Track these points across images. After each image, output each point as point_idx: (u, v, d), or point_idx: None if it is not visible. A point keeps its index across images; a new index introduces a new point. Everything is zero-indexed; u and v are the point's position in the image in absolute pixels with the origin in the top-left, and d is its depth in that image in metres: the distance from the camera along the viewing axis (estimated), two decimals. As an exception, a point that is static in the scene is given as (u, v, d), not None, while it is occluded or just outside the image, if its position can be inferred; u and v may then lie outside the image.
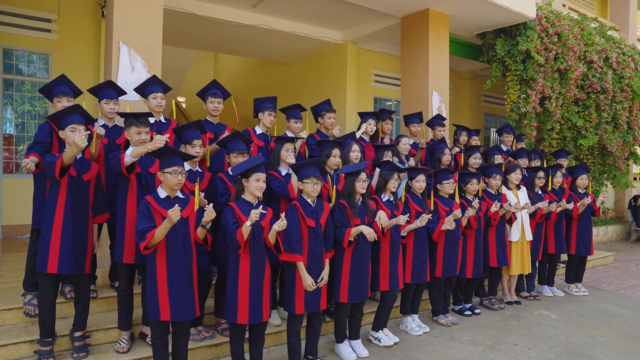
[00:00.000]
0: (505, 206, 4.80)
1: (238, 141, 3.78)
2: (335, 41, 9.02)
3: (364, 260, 3.70)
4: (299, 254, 3.31)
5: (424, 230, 4.28)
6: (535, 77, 7.52)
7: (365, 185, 3.70)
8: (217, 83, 4.35)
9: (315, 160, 3.49)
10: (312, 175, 3.39)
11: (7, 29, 6.08)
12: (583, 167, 5.78)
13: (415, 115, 5.82)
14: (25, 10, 6.17)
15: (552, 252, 5.64)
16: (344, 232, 3.52)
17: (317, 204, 3.49)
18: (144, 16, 4.72)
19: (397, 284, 3.96)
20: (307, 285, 3.30)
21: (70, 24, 6.46)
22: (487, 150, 5.82)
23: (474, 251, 4.76)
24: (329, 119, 4.95)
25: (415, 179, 4.33)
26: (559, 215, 5.57)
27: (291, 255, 3.31)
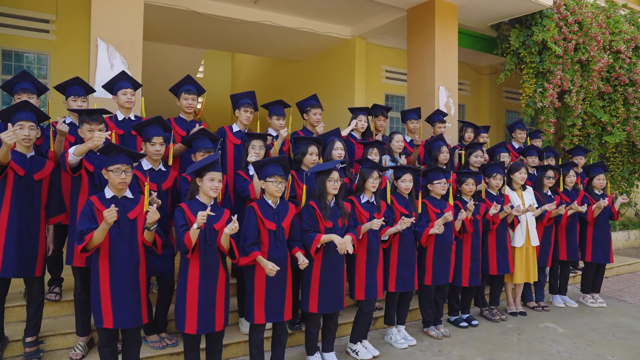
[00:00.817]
0: (506, 208, 4.39)
1: (204, 139, 3.57)
2: (343, 37, 8.73)
3: (337, 267, 3.41)
4: (256, 251, 3.06)
5: (410, 235, 3.95)
6: (552, 69, 6.98)
7: (338, 185, 3.41)
8: (191, 78, 4.17)
9: (279, 158, 3.23)
10: (275, 174, 3.14)
11: (5, 31, 6.14)
12: (600, 166, 5.25)
13: (412, 111, 5.46)
14: (23, 11, 6.21)
15: (564, 259, 5.15)
16: (313, 237, 3.25)
17: (280, 205, 3.24)
18: (124, 12, 4.60)
19: (375, 292, 3.65)
20: (269, 270, 2.98)
21: (68, 24, 6.46)
22: (493, 147, 5.41)
23: (470, 257, 4.37)
24: (314, 115, 4.67)
25: (401, 179, 4.00)
26: (572, 219, 5.09)
27: (247, 258, 3.06)
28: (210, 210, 2.98)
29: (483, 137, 6.09)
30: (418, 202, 4.07)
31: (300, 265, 3.13)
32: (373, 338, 4.12)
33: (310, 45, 9.16)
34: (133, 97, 3.87)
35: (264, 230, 3.13)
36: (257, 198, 3.52)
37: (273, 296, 3.15)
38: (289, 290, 3.24)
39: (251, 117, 4.33)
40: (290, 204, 3.32)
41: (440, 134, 5.02)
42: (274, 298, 3.15)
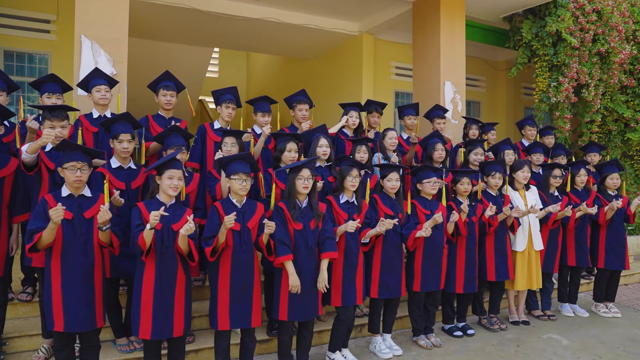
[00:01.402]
0: (505, 210, 4.08)
1: (176, 136, 3.45)
2: (351, 33, 8.50)
3: (309, 273, 3.20)
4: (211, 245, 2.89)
5: (396, 237, 3.70)
6: (567, 62, 6.55)
7: (309, 184, 3.21)
8: (170, 74, 4.06)
9: (244, 155, 3.06)
10: (239, 171, 2.96)
11: (7, 31, 6.21)
12: (614, 165, 4.84)
13: (410, 107, 5.19)
14: (24, 11, 6.27)
15: (573, 265, 4.77)
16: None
17: (246, 205, 3.06)
18: (108, 8, 4.52)
19: (353, 299, 3.42)
20: (227, 222, 2.78)
21: (69, 24, 6.46)
22: (497, 144, 5.08)
23: (465, 262, 4.08)
24: (299, 111, 4.48)
25: (386, 178, 3.75)
26: (581, 221, 4.71)
27: (207, 249, 2.89)
28: (171, 210, 2.85)
29: (491, 133, 5.77)
30: (406, 202, 3.82)
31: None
32: (357, 346, 3.90)
33: (318, 42, 8.97)
34: (108, 93, 3.77)
35: (227, 232, 2.96)
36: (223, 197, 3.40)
37: (238, 300, 2.97)
38: (257, 294, 3.06)
39: (233, 114, 4.19)
40: (258, 203, 3.14)
41: (435, 131, 4.74)
42: (239, 303, 2.98)
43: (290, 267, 3.03)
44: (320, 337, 3.89)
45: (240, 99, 4.35)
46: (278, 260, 3.02)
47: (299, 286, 3.03)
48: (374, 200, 3.73)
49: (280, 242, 3.03)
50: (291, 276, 3.02)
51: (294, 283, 3.02)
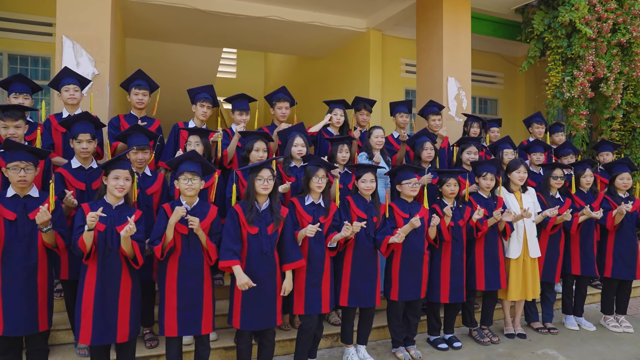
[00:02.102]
0: (495, 214, 3.76)
1: (138, 135, 3.35)
2: (358, 30, 8.27)
3: (266, 279, 3.02)
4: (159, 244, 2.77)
5: (368, 242, 3.47)
6: (583, 54, 6.08)
7: (269, 185, 3.03)
8: (142, 73, 3.98)
9: (190, 154, 2.93)
10: (184, 171, 2.83)
11: (10, 35, 6.35)
12: (625, 164, 4.41)
13: (402, 104, 4.92)
14: (27, 15, 6.39)
15: (577, 274, 4.38)
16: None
17: (198, 206, 2.91)
18: (90, 8, 4.51)
19: (317, 307, 3.22)
20: (176, 214, 2.72)
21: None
22: (496, 143, 4.74)
23: (450, 270, 3.79)
24: (279, 109, 4.32)
25: (361, 179, 3.52)
26: (587, 227, 4.32)
27: (157, 249, 2.76)
28: (117, 211, 2.75)
29: (494, 131, 5.42)
30: (384, 205, 3.58)
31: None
32: (332, 356, 3.69)
33: (325, 40, 8.78)
34: (77, 93, 3.73)
35: (175, 234, 2.83)
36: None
37: (187, 307, 2.84)
38: (208, 300, 2.92)
39: (208, 112, 4.07)
40: (212, 206, 2.99)
41: (424, 129, 4.46)
42: (188, 309, 2.84)
43: (237, 269, 2.86)
44: (293, 346, 3.70)
45: (217, 98, 4.24)
46: (221, 264, 2.86)
47: (248, 282, 2.84)
48: (347, 202, 3.51)
49: (225, 248, 2.86)
50: (238, 276, 2.85)
51: (241, 281, 2.84)
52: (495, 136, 5.39)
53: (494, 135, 5.39)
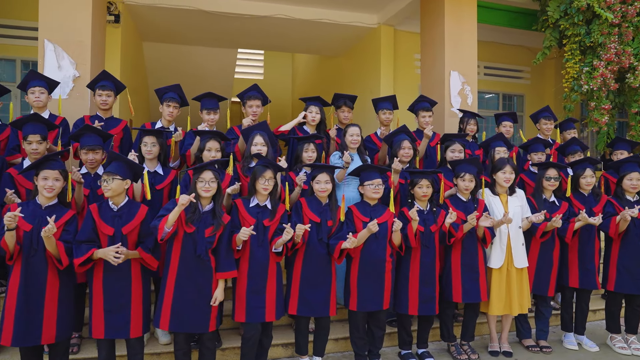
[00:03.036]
0: (469, 218, 3.41)
1: (90, 136, 3.32)
2: (369, 25, 7.99)
3: (200, 282, 2.89)
4: (93, 248, 2.70)
5: (320, 248, 3.24)
6: (603, 41, 5.48)
7: (211, 187, 2.90)
8: (107, 74, 3.97)
9: (112, 155, 2.84)
10: (106, 172, 2.76)
11: (23, 42, 6.62)
12: (635, 162, 3.88)
13: (385, 100, 4.62)
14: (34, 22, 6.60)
15: (575, 286, 3.90)
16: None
17: (126, 207, 2.82)
18: (71, 11, 4.57)
19: (260, 315, 3.04)
20: (112, 259, 2.65)
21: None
22: (489, 140, 4.34)
23: (419, 280, 3.47)
24: (250, 108, 4.18)
25: (315, 179, 3.31)
26: (586, 234, 3.84)
27: (80, 258, 2.68)
28: (47, 211, 2.72)
29: (505, 126, 4.92)
30: (340, 207, 3.34)
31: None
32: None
33: (336, 37, 8.55)
34: (43, 95, 3.76)
35: (102, 236, 2.75)
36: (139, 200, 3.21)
37: (114, 309, 2.76)
38: (137, 302, 2.82)
39: (175, 113, 4.00)
40: (142, 206, 2.89)
41: (402, 126, 4.14)
42: (115, 312, 2.76)
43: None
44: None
45: (186, 98, 4.16)
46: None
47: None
48: (299, 204, 3.30)
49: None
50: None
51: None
52: (507, 131, 4.92)
53: (506, 130, 4.91)
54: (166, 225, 2.73)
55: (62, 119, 3.86)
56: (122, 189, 2.77)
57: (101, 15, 5.00)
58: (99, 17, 4.88)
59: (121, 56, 6.79)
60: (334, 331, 3.85)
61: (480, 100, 8.87)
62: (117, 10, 6.68)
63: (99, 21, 4.90)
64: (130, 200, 2.88)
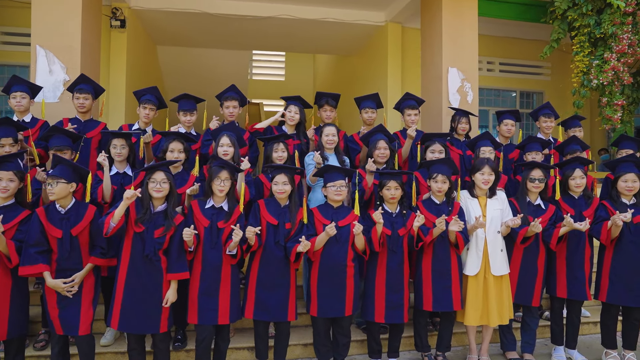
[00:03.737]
0: (438, 222, 3.22)
1: (59, 137, 3.39)
2: (376, 23, 7.83)
3: (149, 282, 2.88)
4: (42, 264, 2.74)
5: (278, 251, 3.15)
6: (615, 32, 5.08)
7: (162, 188, 2.89)
8: (85, 77, 4.04)
9: (57, 158, 2.88)
10: (50, 175, 2.81)
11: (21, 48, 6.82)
12: (632, 162, 3.55)
13: (368, 98, 4.47)
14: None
15: (563, 296, 3.61)
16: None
17: (73, 208, 2.85)
18: (62, 18, 4.68)
19: (212, 317, 3.00)
20: (62, 291, 2.78)
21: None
22: (475, 139, 4.12)
23: (385, 286, 3.32)
24: (227, 109, 4.15)
25: (273, 181, 3.23)
26: (575, 240, 3.55)
27: (30, 268, 2.74)
28: (2, 211, 2.79)
29: (507, 124, 4.64)
30: (302, 209, 3.24)
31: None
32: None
33: (344, 36, 8.42)
34: (24, 100, 3.86)
35: (51, 239, 2.79)
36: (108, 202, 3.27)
37: (64, 307, 2.81)
38: (87, 301, 2.88)
39: (151, 115, 4.02)
40: (90, 207, 2.91)
41: (379, 125, 3.98)
42: (65, 309, 2.81)
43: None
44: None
45: (163, 99, 4.19)
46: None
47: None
48: (257, 206, 3.23)
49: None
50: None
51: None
52: (509, 130, 4.65)
53: (507, 128, 4.64)
54: (112, 220, 2.74)
55: (43, 122, 3.96)
56: (67, 192, 2.81)
57: (94, 20, 5.11)
58: (91, 23, 4.98)
59: (127, 60, 6.96)
60: (305, 336, 3.78)
61: (496, 98, 8.50)
62: (122, 16, 6.87)
63: (91, 26, 5.00)
64: (78, 201, 2.90)
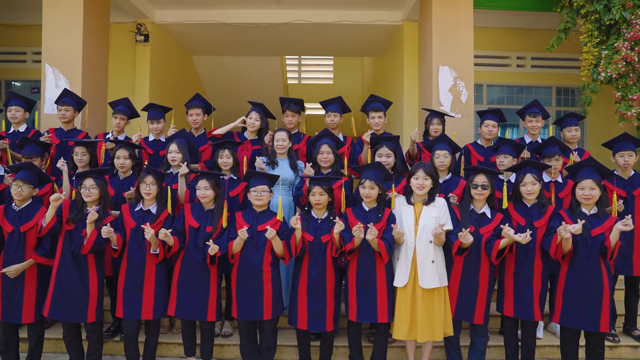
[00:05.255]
0: (355, 230, 3.08)
1: (30, 145, 3.83)
2: (394, 23, 7.65)
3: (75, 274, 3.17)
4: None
5: (197, 253, 3.27)
6: (624, 18, 4.47)
7: (91, 194, 3.19)
8: (67, 91, 4.51)
9: (27, 164, 3.27)
10: (20, 179, 3.21)
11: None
12: (591, 167, 3.10)
13: (332, 102, 4.40)
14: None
15: (509, 315, 3.26)
16: None
17: (26, 208, 3.23)
18: (67, 38, 5.22)
19: (135, 312, 3.24)
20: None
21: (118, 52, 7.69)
22: (432, 141, 3.87)
23: (307, 293, 3.27)
24: (190, 117, 4.36)
25: (197, 185, 3.35)
26: (524, 253, 3.20)
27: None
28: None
29: (487, 125, 4.33)
30: (223, 214, 3.32)
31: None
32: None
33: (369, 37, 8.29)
34: (18, 113, 4.38)
35: (4, 232, 3.20)
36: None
37: (8, 295, 3.17)
38: (30, 291, 3.22)
39: (122, 124, 4.36)
40: (42, 208, 3.29)
41: (325, 129, 3.90)
42: (8, 298, 3.17)
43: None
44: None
45: (135, 109, 4.51)
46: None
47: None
48: (183, 210, 3.37)
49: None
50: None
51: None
52: (490, 131, 4.33)
53: (488, 130, 4.32)
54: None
55: (34, 131, 4.47)
56: (30, 195, 3.21)
57: (98, 40, 5.57)
58: (94, 42, 5.45)
59: (150, 72, 7.53)
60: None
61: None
62: (146, 31, 7.46)
63: (94, 45, 5.47)
64: (32, 203, 3.27)
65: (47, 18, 5.21)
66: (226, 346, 3.75)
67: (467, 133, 5.18)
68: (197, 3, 7.20)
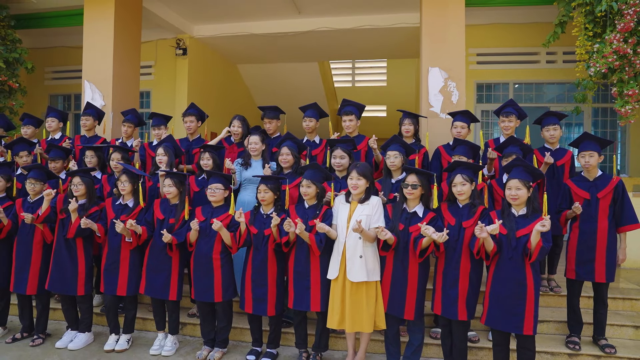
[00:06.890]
0: (286, 224, 3.36)
1: (54, 150, 4.63)
2: (414, 25, 7.71)
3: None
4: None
5: (160, 242, 3.77)
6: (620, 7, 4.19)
7: (78, 189, 3.86)
8: (89, 104, 5.34)
9: (36, 165, 4.06)
10: (34, 178, 3.99)
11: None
12: (521, 167, 3.06)
13: (309, 107, 4.66)
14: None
15: (438, 313, 3.31)
16: None
17: (38, 200, 3.97)
18: (101, 57, 6.11)
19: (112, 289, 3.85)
20: None
21: (162, 66, 8.65)
22: (386, 143, 3.98)
23: (251, 280, 3.63)
24: (185, 123, 4.91)
25: (162, 183, 3.86)
26: (450, 252, 3.24)
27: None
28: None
29: (456, 127, 4.39)
30: (185, 210, 3.79)
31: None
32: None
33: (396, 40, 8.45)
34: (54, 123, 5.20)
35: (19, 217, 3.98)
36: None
37: None
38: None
39: (129, 132, 5.12)
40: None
41: (287, 133, 4.19)
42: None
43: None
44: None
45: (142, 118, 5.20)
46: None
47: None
48: (153, 204, 3.90)
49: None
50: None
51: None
52: (459, 133, 4.36)
53: (457, 132, 4.36)
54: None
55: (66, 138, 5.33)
56: (41, 190, 3.95)
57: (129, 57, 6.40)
58: (124, 60, 6.29)
59: (188, 83, 8.37)
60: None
61: (550, 93, 7.37)
62: (184, 45, 8.31)
63: (125, 62, 6.31)
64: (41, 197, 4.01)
65: (87, 42, 6.14)
66: (192, 325, 4.22)
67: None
68: (227, 16, 7.87)
